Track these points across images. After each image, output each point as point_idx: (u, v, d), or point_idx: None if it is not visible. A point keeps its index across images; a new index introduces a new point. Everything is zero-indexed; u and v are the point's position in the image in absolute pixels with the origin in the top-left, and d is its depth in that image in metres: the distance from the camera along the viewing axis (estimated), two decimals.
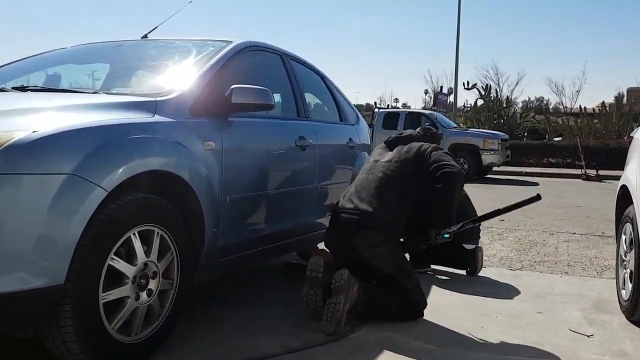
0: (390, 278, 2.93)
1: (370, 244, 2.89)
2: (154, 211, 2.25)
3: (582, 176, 13.80)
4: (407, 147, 3.22)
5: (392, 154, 3.21)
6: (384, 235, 2.91)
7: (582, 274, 4.06)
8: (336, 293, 2.71)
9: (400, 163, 3.12)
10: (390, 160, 3.16)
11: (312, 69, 4.15)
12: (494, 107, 25.00)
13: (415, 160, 3.12)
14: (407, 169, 3.10)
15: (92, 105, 2.36)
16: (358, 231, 2.91)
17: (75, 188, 1.89)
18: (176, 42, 3.40)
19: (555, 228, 6.17)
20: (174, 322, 2.40)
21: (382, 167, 3.13)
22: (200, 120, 2.61)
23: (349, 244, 2.94)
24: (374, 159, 3.28)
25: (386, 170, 3.10)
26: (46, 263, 1.82)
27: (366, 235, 2.90)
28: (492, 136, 13.40)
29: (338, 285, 2.72)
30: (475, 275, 3.91)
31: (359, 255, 2.91)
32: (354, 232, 2.92)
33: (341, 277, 2.73)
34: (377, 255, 2.90)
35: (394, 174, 3.08)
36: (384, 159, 3.20)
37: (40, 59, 3.47)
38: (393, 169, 3.10)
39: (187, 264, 2.43)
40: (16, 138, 1.81)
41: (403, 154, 3.17)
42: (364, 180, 3.12)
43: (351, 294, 2.75)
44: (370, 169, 3.18)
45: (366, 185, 3.06)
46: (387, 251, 2.92)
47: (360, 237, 2.90)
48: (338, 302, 2.68)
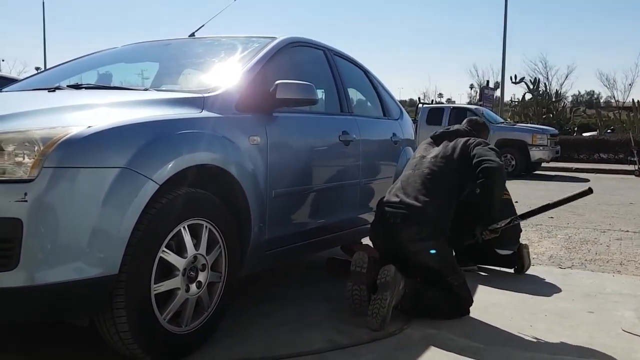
0: (436, 273, 2.91)
1: (416, 237, 2.88)
2: (202, 205, 2.30)
3: (635, 172, 13.33)
4: (453, 142, 3.19)
5: (439, 149, 3.19)
6: (429, 229, 2.90)
7: (635, 273, 3.93)
8: (382, 289, 2.71)
9: (446, 159, 3.10)
10: (436, 156, 3.14)
11: (356, 63, 4.15)
12: (543, 101, 24.43)
13: (460, 156, 3.09)
14: (453, 164, 3.08)
15: (143, 101, 2.43)
16: (404, 224, 2.91)
17: (128, 181, 1.96)
18: (222, 40, 3.46)
19: (607, 226, 5.99)
20: (222, 313, 2.45)
21: (428, 162, 3.11)
22: (246, 115, 2.66)
23: (394, 237, 2.93)
24: (420, 154, 3.26)
25: (432, 166, 3.08)
26: (101, 253, 1.89)
27: (412, 228, 2.89)
28: (541, 131, 13.09)
29: (384, 281, 2.72)
30: (523, 274, 3.83)
31: (404, 248, 2.91)
32: (399, 226, 2.92)
33: (387, 273, 2.73)
34: (423, 249, 2.88)
35: (440, 170, 3.06)
36: (430, 154, 3.18)
37: (92, 59, 3.60)
38: (439, 164, 3.08)
39: (234, 257, 2.48)
40: (72, 133, 1.88)
41: (449, 149, 3.15)
42: (410, 175, 3.11)
43: (397, 290, 2.74)
44: (416, 165, 3.16)
45: (412, 181, 3.05)
46: (433, 244, 2.90)
47: (406, 230, 2.90)
48: (384, 299, 2.67)
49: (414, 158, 3.30)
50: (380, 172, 3.94)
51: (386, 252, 3.04)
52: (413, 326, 2.73)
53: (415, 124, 12.54)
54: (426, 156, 3.18)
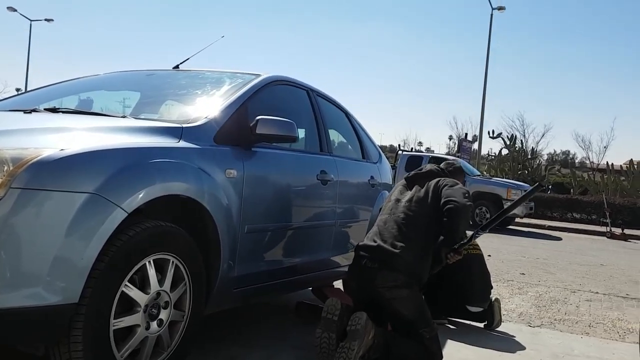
0: (409, 323, 2.86)
1: (392, 284, 2.85)
2: (171, 240, 2.24)
3: (607, 234, 13.51)
4: (425, 186, 3.19)
5: (412, 192, 3.19)
6: (405, 277, 2.86)
7: (603, 336, 3.92)
8: (351, 338, 2.64)
9: (420, 203, 3.10)
10: (410, 199, 3.13)
11: (337, 105, 4.18)
12: (519, 157, 24.87)
13: (432, 199, 3.09)
14: (426, 208, 3.07)
15: (120, 127, 2.40)
16: (380, 270, 2.88)
17: (96, 207, 1.91)
18: (206, 73, 3.46)
19: (577, 286, 6.01)
20: (182, 354, 2.36)
21: (403, 207, 3.10)
22: (224, 148, 2.63)
23: (370, 282, 2.89)
24: (395, 197, 3.24)
25: (407, 211, 3.07)
26: (62, 281, 1.82)
27: (388, 275, 2.86)
28: (516, 187, 13.25)
29: (354, 329, 2.66)
30: (493, 329, 3.80)
31: (379, 294, 2.87)
32: (376, 271, 2.88)
33: (359, 321, 2.67)
34: (397, 296, 2.84)
35: (415, 214, 3.05)
36: (404, 198, 3.17)
37: (73, 84, 3.57)
38: (413, 209, 3.07)
39: (199, 296, 2.41)
40: (44, 155, 1.84)
41: (422, 192, 3.15)
42: (387, 220, 3.09)
43: (366, 340, 2.68)
44: (391, 209, 3.14)
45: (389, 226, 3.03)
46: (408, 294, 2.86)
47: (382, 276, 2.86)
48: (351, 348, 2.61)
49: (389, 201, 3.27)
50: (356, 214, 3.92)
51: (360, 296, 2.99)
52: None
53: (394, 170, 12.65)
54: (401, 200, 3.17)
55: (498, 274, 6.24)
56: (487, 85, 22.98)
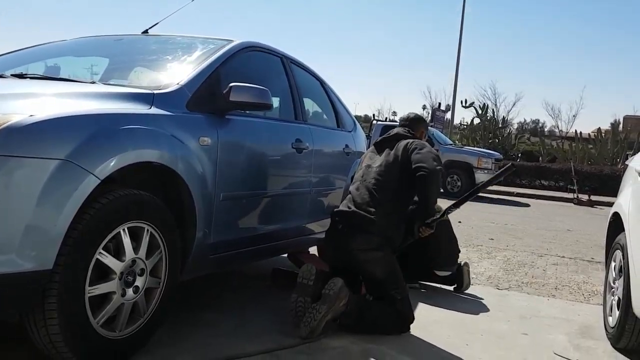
0: (380, 283, 2.94)
1: (366, 247, 2.91)
2: (145, 208, 2.23)
3: (573, 200, 13.85)
4: (394, 149, 3.19)
5: (382, 157, 3.20)
6: (378, 239, 2.93)
7: (569, 298, 4.06)
8: (322, 301, 2.72)
9: (389, 167, 3.13)
10: (380, 164, 3.16)
11: (312, 73, 4.16)
12: (490, 126, 25.12)
13: (401, 162, 3.11)
14: (396, 172, 3.10)
15: (90, 93, 2.35)
16: (355, 234, 2.94)
17: (68, 174, 1.89)
18: (177, 39, 3.39)
19: (544, 250, 6.19)
20: (159, 321, 2.38)
21: (374, 172, 3.13)
22: (197, 115, 2.61)
23: (345, 246, 2.96)
24: (365, 163, 3.27)
25: (377, 176, 3.10)
26: (36, 247, 1.82)
27: (362, 238, 2.92)
28: (487, 155, 13.45)
29: (326, 293, 2.73)
30: (462, 292, 3.90)
31: (354, 257, 2.93)
32: (350, 235, 2.94)
33: (333, 286, 2.74)
34: (371, 258, 2.91)
35: (385, 179, 3.09)
36: (375, 163, 3.20)
37: (39, 50, 3.46)
38: (384, 174, 3.11)
39: (175, 264, 2.42)
40: (13, 121, 1.81)
41: (391, 157, 3.16)
42: (360, 186, 3.12)
43: (337, 306, 2.75)
44: (363, 176, 3.18)
45: (362, 192, 3.07)
46: (381, 256, 2.93)
47: (356, 239, 2.93)
48: (319, 311, 2.69)
49: (360, 169, 3.30)
50: (331, 182, 3.95)
51: (336, 260, 3.05)
52: (353, 340, 2.74)
53: (368, 139, 12.68)
54: (371, 165, 3.20)
55: (467, 240, 6.38)
56: (460, 55, 23.07)
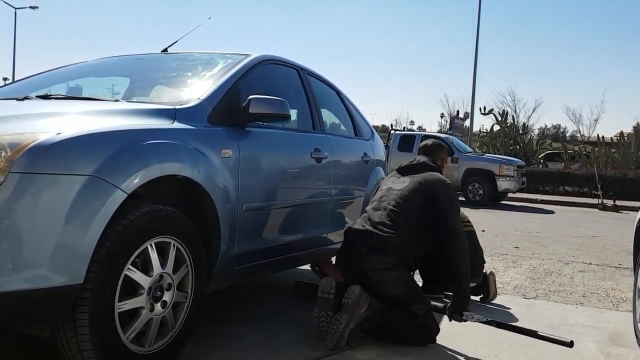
0: (401, 301, 2.90)
1: (380, 267, 2.88)
2: (171, 223, 2.26)
3: (598, 206, 13.64)
4: (421, 179, 3.14)
5: (406, 183, 3.15)
6: (393, 259, 2.90)
7: (597, 306, 4.00)
8: (342, 311, 2.72)
9: (414, 193, 3.07)
10: (403, 189, 3.11)
11: (328, 84, 4.19)
12: (510, 133, 24.91)
13: (427, 195, 3.05)
14: (420, 200, 3.05)
15: (114, 111, 2.41)
16: (368, 254, 2.91)
17: (96, 189, 1.93)
18: (195, 55, 3.45)
19: (571, 258, 6.10)
20: (187, 334, 2.40)
21: (395, 196, 3.09)
22: (218, 128, 2.65)
23: (358, 266, 2.93)
24: (387, 186, 3.23)
25: (398, 199, 3.05)
26: (66, 261, 1.85)
27: (376, 258, 2.89)
28: (508, 162, 13.33)
29: (346, 302, 2.73)
30: (489, 302, 3.86)
31: (368, 278, 2.90)
32: (364, 255, 2.92)
33: (351, 294, 2.74)
34: (386, 279, 2.88)
35: (406, 205, 3.03)
36: (396, 187, 3.16)
37: (61, 72, 3.54)
38: (405, 199, 3.05)
39: (201, 277, 2.44)
40: (41, 139, 1.85)
41: (417, 184, 3.11)
42: (377, 207, 3.10)
43: (357, 314, 2.74)
44: (382, 197, 3.14)
45: (379, 213, 3.04)
46: (397, 275, 2.90)
47: (370, 260, 2.90)
48: (340, 322, 2.69)
49: (381, 190, 3.26)
50: (351, 191, 3.95)
51: (349, 279, 3.01)
52: (379, 352, 2.72)
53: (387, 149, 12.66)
54: (393, 188, 3.16)
55: (492, 248, 6.32)
56: (477, 62, 23.00)
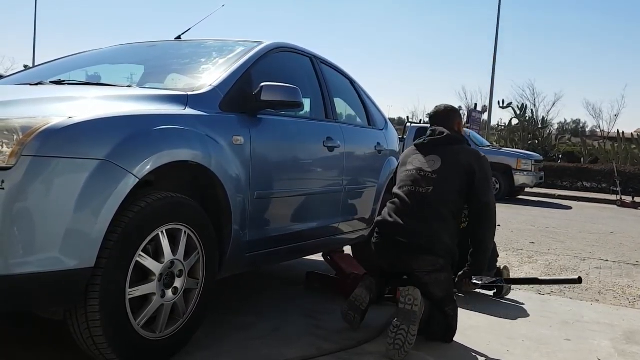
0: (437, 302, 2.76)
1: (431, 269, 2.74)
2: (182, 211, 2.26)
3: (617, 202, 13.46)
4: (454, 158, 2.93)
5: (438, 164, 2.91)
6: (444, 261, 2.76)
7: (613, 303, 3.94)
8: (407, 320, 2.52)
9: (452, 178, 2.87)
10: (438, 171, 2.88)
11: (342, 72, 4.15)
12: (529, 127, 24.62)
13: (462, 179, 2.88)
14: (458, 184, 2.87)
15: (126, 96, 2.41)
16: (417, 253, 2.75)
17: (107, 174, 1.93)
18: (208, 42, 3.45)
19: (587, 254, 6.02)
20: (198, 321, 2.40)
21: (431, 180, 2.86)
22: (230, 115, 2.65)
23: (404, 265, 2.80)
24: (415, 166, 2.95)
25: (438, 186, 2.83)
26: (78, 245, 1.86)
27: (428, 260, 2.74)
28: (526, 157, 13.18)
29: (410, 309, 2.53)
30: (502, 297, 3.83)
31: (416, 277, 2.76)
32: (412, 254, 2.76)
33: (414, 301, 2.54)
34: (435, 280, 2.74)
35: (447, 190, 2.84)
36: (427, 167, 2.91)
37: (75, 59, 3.56)
38: (444, 184, 2.85)
39: (212, 264, 2.44)
40: (52, 123, 1.86)
41: (452, 165, 2.90)
42: (411, 194, 2.86)
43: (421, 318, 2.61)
44: (414, 181, 2.89)
45: (419, 202, 2.83)
46: (446, 277, 2.77)
47: (421, 260, 2.74)
48: (412, 334, 2.51)
49: (408, 171, 2.97)
50: (364, 181, 3.92)
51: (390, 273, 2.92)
52: None
53: (402, 142, 12.59)
54: (423, 170, 2.90)
55: (508, 244, 6.26)
56: (497, 55, 22.71)
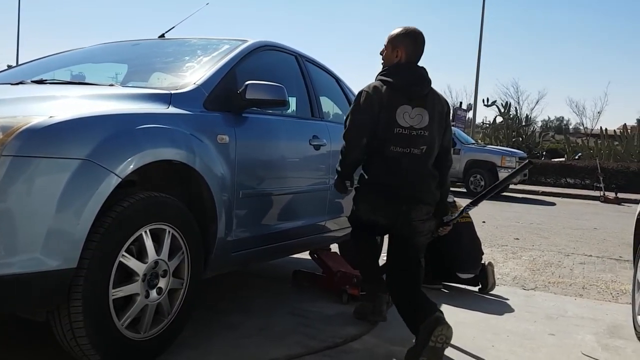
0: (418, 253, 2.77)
1: (426, 217, 2.76)
2: (166, 210, 2.25)
3: (600, 198, 13.62)
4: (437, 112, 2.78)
5: (425, 119, 2.72)
6: (433, 208, 2.82)
7: (597, 298, 3.99)
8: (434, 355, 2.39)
9: (437, 134, 2.79)
10: (427, 128, 2.73)
11: (327, 71, 4.15)
12: (513, 125, 24.83)
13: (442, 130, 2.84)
14: (440, 139, 2.83)
15: (108, 95, 2.40)
16: (417, 205, 2.72)
17: (89, 173, 1.91)
18: (192, 41, 3.43)
19: (571, 249, 6.09)
20: (183, 321, 2.39)
21: (422, 139, 2.72)
22: (214, 114, 2.63)
23: (403, 217, 2.71)
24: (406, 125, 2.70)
25: (429, 144, 2.74)
26: (60, 245, 1.84)
27: (424, 209, 2.75)
28: (510, 154, 13.30)
29: (442, 349, 2.40)
30: (487, 293, 3.85)
31: (412, 227, 2.72)
32: (411, 205, 2.71)
33: (445, 340, 2.40)
34: (427, 228, 2.79)
35: (434, 147, 2.79)
36: (417, 125, 2.71)
37: (57, 58, 3.52)
38: (433, 140, 2.76)
39: (197, 264, 2.43)
40: (33, 122, 1.83)
41: (436, 122, 2.78)
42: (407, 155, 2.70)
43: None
44: (410, 143, 2.70)
45: (415, 162, 2.72)
46: (433, 223, 2.86)
47: (419, 210, 2.73)
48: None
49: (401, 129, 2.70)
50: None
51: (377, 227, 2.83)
52: (377, 342, 2.72)
53: None
54: (414, 127, 2.71)
55: (492, 240, 6.31)
56: (481, 53, 22.87)
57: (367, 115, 2.71)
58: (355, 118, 2.76)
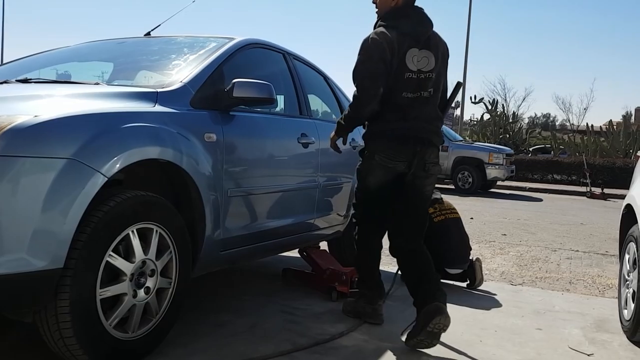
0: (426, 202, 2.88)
1: (436, 160, 2.83)
2: (153, 209, 2.24)
3: (586, 194, 13.75)
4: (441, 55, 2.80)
5: (432, 62, 2.74)
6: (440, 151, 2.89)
7: (583, 292, 4.02)
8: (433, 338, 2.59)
9: (442, 75, 2.84)
10: (434, 70, 2.74)
11: (315, 68, 4.15)
12: (500, 122, 24.98)
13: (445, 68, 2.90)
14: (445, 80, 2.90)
15: (94, 94, 2.37)
16: (429, 147, 2.76)
17: (75, 173, 1.90)
18: (179, 39, 3.41)
19: (558, 245, 6.14)
20: (171, 321, 2.38)
21: (430, 81, 2.74)
22: (201, 112, 2.62)
23: (418, 159, 2.72)
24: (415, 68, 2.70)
25: (435, 87, 2.78)
26: (46, 245, 1.83)
27: (435, 152, 2.81)
28: (498, 150, 13.37)
29: (437, 331, 2.59)
30: (475, 289, 3.88)
31: (425, 170, 2.75)
32: (424, 147, 2.74)
33: (443, 327, 2.59)
34: (436, 172, 2.84)
35: (441, 89, 2.86)
36: (425, 68, 2.72)
37: (43, 57, 3.49)
38: (439, 83, 2.82)
39: (185, 263, 2.42)
40: (18, 122, 1.82)
41: (441, 65, 2.81)
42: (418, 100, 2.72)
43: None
44: (419, 86, 2.72)
45: (425, 104, 2.75)
46: (439, 169, 2.91)
47: (430, 152, 2.77)
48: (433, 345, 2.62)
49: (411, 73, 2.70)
50: (338, 177, 3.91)
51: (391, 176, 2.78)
52: (367, 338, 2.73)
53: None
54: (422, 70, 2.71)
55: (480, 236, 6.35)
56: (468, 51, 22.97)
57: (381, 64, 2.66)
58: (367, 68, 2.69)
